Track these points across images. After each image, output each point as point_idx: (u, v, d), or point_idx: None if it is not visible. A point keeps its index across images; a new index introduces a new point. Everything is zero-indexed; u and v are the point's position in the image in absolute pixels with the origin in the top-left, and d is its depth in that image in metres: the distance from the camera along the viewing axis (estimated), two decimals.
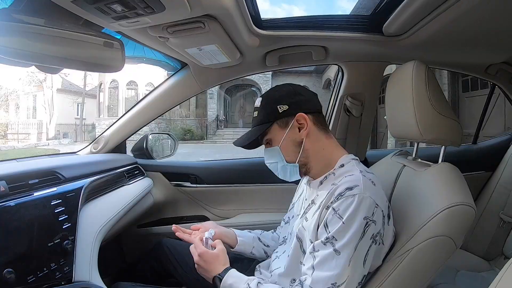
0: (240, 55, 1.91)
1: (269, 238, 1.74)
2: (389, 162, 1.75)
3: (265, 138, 1.41)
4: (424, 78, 1.38)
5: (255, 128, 1.40)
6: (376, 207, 1.14)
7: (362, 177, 1.20)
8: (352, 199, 1.14)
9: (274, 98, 1.39)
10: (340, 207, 1.15)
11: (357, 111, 2.25)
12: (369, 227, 1.12)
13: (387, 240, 1.24)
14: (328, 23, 1.84)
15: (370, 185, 1.19)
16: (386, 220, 1.21)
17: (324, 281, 1.11)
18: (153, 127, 21.69)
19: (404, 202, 1.41)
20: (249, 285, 1.26)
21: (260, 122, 1.38)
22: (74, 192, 1.49)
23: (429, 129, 1.38)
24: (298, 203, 1.57)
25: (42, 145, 23.49)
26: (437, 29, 1.61)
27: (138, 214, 2.13)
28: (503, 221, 2.29)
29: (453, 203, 1.15)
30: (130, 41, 1.66)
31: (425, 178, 1.37)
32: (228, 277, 1.31)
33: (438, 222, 1.14)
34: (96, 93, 27.66)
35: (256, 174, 2.54)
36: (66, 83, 30.74)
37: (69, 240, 1.31)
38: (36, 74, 28.26)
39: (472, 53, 2.07)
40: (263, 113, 1.38)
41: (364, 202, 1.13)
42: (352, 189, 1.16)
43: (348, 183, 1.19)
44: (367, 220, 1.12)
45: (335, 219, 1.15)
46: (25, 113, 30.48)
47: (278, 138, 1.37)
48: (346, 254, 1.10)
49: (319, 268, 1.14)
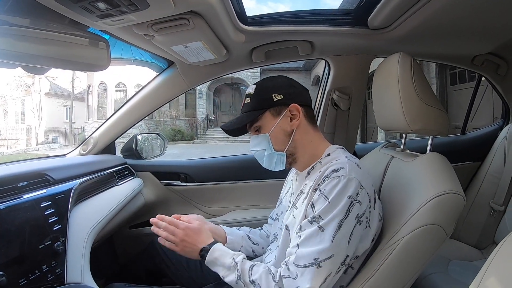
0: (226, 52, 1.91)
1: (257, 236, 1.74)
2: (378, 154, 1.76)
3: (255, 125, 1.41)
4: (409, 69, 1.39)
5: (246, 113, 1.40)
6: (361, 188, 1.17)
7: (348, 161, 1.23)
8: (337, 180, 1.17)
9: (269, 87, 1.40)
10: (326, 188, 1.18)
11: (345, 105, 2.25)
12: (353, 207, 1.14)
13: (373, 223, 1.25)
14: (313, 18, 1.84)
15: (355, 167, 1.22)
16: (372, 204, 1.23)
17: (307, 256, 1.13)
18: (142, 129, 21.60)
19: (393, 192, 1.42)
20: (235, 259, 1.28)
21: (253, 108, 1.39)
22: (63, 193, 1.49)
23: (416, 119, 1.39)
24: (286, 198, 1.57)
25: (32, 150, 23.33)
26: (422, 21, 1.62)
27: (129, 214, 2.12)
28: (494, 210, 2.29)
29: (442, 191, 1.16)
30: (118, 42, 1.66)
31: (413, 168, 1.38)
32: (214, 251, 1.33)
33: (427, 211, 1.15)
34: (85, 96, 27.51)
35: (246, 170, 2.55)
36: (54, 87, 30.68)
37: (60, 242, 1.30)
38: (24, 79, 28.21)
39: (457, 45, 2.08)
40: (257, 99, 1.39)
41: (349, 183, 1.16)
42: (337, 171, 1.19)
43: (334, 165, 1.22)
44: (352, 199, 1.14)
45: (321, 199, 1.17)
46: (13, 118, 30.36)
47: (269, 126, 1.38)
48: (329, 231, 1.12)
49: (303, 245, 1.16)
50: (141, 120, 2.40)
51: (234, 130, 1.44)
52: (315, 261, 1.11)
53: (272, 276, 1.19)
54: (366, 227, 1.22)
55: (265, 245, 1.70)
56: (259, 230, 1.79)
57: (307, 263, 1.12)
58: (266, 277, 1.19)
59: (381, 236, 1.30)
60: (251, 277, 1.22)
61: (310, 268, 1.11)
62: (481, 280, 0.73)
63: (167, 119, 26.10)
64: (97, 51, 1.22)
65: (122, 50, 1.87)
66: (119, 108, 2.37)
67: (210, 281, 1.60)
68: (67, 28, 1.19)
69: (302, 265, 1.13)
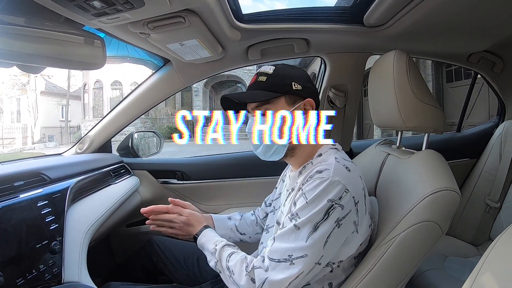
0: (222, 49, 1.90)
1: (248, 223, 1.75)
2: (374, 152, 1.76)
3: (265, 106, 1.34)
4: (405, 67, 1.39)
5: (261, 91, 1.33)
6: (346, 192, 1.14)
7: (336, 163, 1.21)
8: (318, 181, 1.15)
9: (290, 74, 1.36)
10: (307, 188, 1.17)
11: (341, 102, 2.25)
12: (334, 210, 1.12)
13: (362, 229, 1.22)
14: (309, 15, 1.84)
15: (342, 170, 1.19)
16: (362, 208, 1.21)
17: (281, 251, 1.13)
18: (139, 126, 21.58)
19: (389, 190, 1.42)
20: (216, 246, 1.31)
21: (269, 88, 1.32)
22: (60, 192, 1.49)
23: (412, 116, 1.39)
24: (283, 195, 1.55)
25: (28, 149, 23.28)
26: (418, 19, 1.61)
27: (126, 213, 2.13)
28: (489, 207, 2.31)
29: (437, 188, 1.16)
30: (114, 40, 1.66)
31: (409, 165, 1.38)
32: (202, 236, 1.41)
33: (422, 208, 1.16)
34: (81, 94, 27.44)
35: (243, 168, 2.55)
36: (49, 85, 30.57)
37: (57, 241, 1.31)
38: (19, 77, 28.04)
39: (453, 42, 2.08)
40: (274, 81, 1.33)
41: (331, 186, 1.13)
42: (321, 172, 1.18)
43: (319, 166, 1.21)
44: (332, 203, 1.12)
45: (301, 198, 1.17)
46: (9, 117, 30.16)
47: None
48: (305, 231, 1.12)
49: (279, 239, 1.17)
50: (137, 118, 2.40)
51: (238, 104, 1.40)
52: (289, 257, 1.12)
53: (245, 265, 1.19)
54: (353, 232, 1.20)
55: (252, 234, 1.73)
56: (251, 214, 1.80)
57: (281, 258, 1.13)
58: (240, 265, 1.20)
59: (377, 233, 1.30)
60: (227, 263, 1.24)
61: (284, 263, 1.12)
62: (476, 276, 0.73)
63: (164, 117, 26.07)
64: (92, 49, 1.22)
65: (118, 48, 1.87)
66: (115, 107, 2.37)
67: (207, 278, 1.61)
68: (62, 26, 1.19)
69: (276, 260, 1.13)
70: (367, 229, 1.25)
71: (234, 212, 1.78)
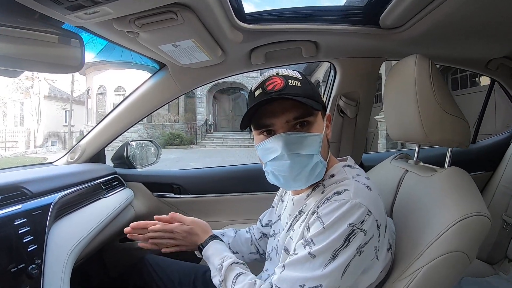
0: (222, 53, 1.78)
1: (242, 241, 1.63)
2: (389, 167, 1.64)
3: (306, 119, 1.11)
4: (428, 73, 1.28)
5: (309, 100, 1.09)
6: (369, 215, 1.01)
7: (355, 182, 1.09)
8: (337, 204, 1.02)
9: (313, 84, 1.19)
10: (323, 211, 1.04)
11: (352, 112, 2.12)
12: (355, 236, 0.99)
13: (382, 254, 1.11)
14: (319, 15, 1.72)
15: (363, 190, 1.07)
16: (382, 231, 1.08)
17: (292, 280, 1.02)
18: (141, 133, 21.76)
19: (408, 211, 1.30)
20: (223, 262, 1.22)
21: (310, 96, 1.10)
22: (41, 209, 1.37)
23: (435, 129, 1.28)
24: (284, 218, 1.40)
25: (30, 153, 23.56)
26: (438, 21, 1.50)
27: (119, 228, 2.01)
28: (506, 223, 2.26)
29: (467, 214, 1.05)
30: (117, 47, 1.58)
31: (433, 185, 1.26)
32: (208, 248, 1.33)
33: (450, 236, 1.05)
34: (84, 99, 27.69)
35: (244, 182, 2.43)
36: (53, 90, 31.23)
37: (35, 265, 1.18)
38: (23, 81, 28.75)
39: (473, 47, 1.98)
40: (311, 88, 1.14)
41: (352, 208, 1.01)
42: (340, 194, 1.06)
43: (338, 187, 1.09)
44: (354, 227, 0.99)
45: (316, 223, 1.04)
46: (12, 121, 30.86)
47: (320, 126, 1.16)
48: (321, 260, 0.99)
49: (290, 267, 1.05)
50: (132, 127, 2.28)
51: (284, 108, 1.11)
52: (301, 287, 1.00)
53: None
54: (373, 258, 1.08)
55: (246, 253, 1.61)
56: (246, 232, 1.68)
57: None
58: None
59: (396, 261, 1.18)
60: (233, 285, 1.14)
61: None
62: None
63: (166, 123, 26.47)
64: (68, 49, 1.12)
65: (122, 54, 1.77)
66: (108, 114, 2.27)
67: None
68: (36, 24, 1.09)
69: None
70: (386, 254, 1.13)
71: (228, 228, 1.67)
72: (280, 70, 1.15)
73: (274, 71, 1.16)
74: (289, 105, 1.09)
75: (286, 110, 1.09)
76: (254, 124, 1.16)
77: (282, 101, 1.08)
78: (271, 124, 1.12)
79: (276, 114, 1.10)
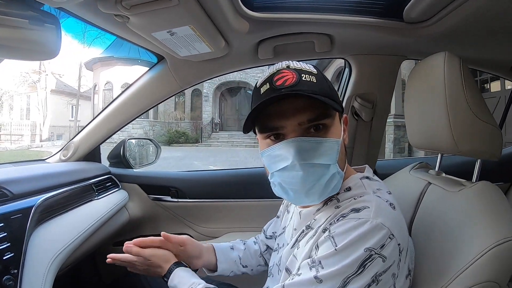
0: (225, 44, 1.63)
1: (251, 253, 1.51)
2: (408, 178, 1.48)
3: (322, 121, 0.95)
4: (459, 73, 1.13)
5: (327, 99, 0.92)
6: (390, 238, 0.86)
7: (376, 198, 0.93)
8: (354, 223, 0.87)
9: (330, 81, 1.01)
10: (337, 230, 0.89)
11: (367, 115, 1.97)
12: (372, 262, 0.83)
13: (400, 282, 0.93)
14: (335, 5, 1.56)
15: (386, 208, 0.92)
16: (404, 257, 0.92)
17: None
18: (147, 130, 21.90)
19: (431, 231, 1.15)
20: None
21: (327, 95, 0.94)
22: (21, 213, 1.25)
23: (466, 137, 1.13)
24: (288, 231, 1.24)
25: (36, 147, 23.80)
26: (466, 16, 1.39)
27: (112, 231, 1.95)
28: None
29: (502, 239, 0.92)
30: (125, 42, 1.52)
31: (460, 202, 1.11)
32: (174, 277, 1.19)
33: (484, 265, 0.92)
34: (91, 95, 27.91)
35: (246, 187, 2.32)
36: (60, 84, 31.76)
37: (10, 275, 1.09)
38: (30, 75, 29.43)
39: (499, 48, 1.85)
40: (328, 85, 0.99)
41: (372, 230, 0.85)
42: (359, 212, 0.90)
43: (356, 204, 0.93)
44: (372, 252, 0.83)
45: (327, 242, 0.89)
46: (18, 114, 31.39)
47: (338, 130, 0.99)
48: (328, 286, 0.84)
49: None
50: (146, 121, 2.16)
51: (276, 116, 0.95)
52: None
53: None
54: (390, 286, 0.90)
55: (255, 266, 1.49)
56: (254, 243, 1.55)
57: None
58: None
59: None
60: None
61: None
62: None
63: (173, 121, 26.81)
64: (41, 33, 0.98)
65: (130, 50, 1.63)
66: (103, 110, 2.15)
67: None
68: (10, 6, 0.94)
69: None
70: (404, 281, 0.96)
71: (236, 240, 1.53)
72: (292, 62, 0.98)
73: (284, 63, 0.98)
74: (303, 104, 0.92)
75: (298, 110, 0.92)
76: (259, 127, 0.99)
77: (293, 100, 0.91)
78: (280, 126, 0.94)
79: (287, 115, 0.93)
